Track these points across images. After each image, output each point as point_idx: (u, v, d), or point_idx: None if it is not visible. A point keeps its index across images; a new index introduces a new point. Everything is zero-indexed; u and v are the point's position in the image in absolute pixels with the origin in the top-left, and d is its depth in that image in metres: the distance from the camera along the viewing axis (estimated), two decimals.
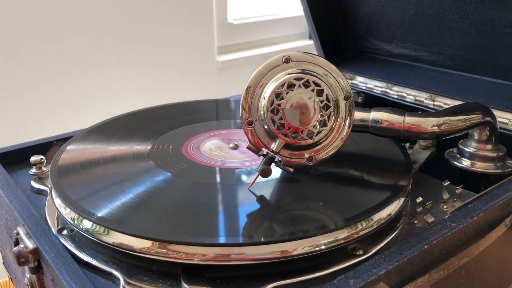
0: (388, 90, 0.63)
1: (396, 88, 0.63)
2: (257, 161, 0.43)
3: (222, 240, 0.32)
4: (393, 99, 0.62)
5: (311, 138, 0.37)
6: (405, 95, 0.62)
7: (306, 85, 0.36)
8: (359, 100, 0.66)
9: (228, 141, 0.47)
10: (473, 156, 0.47)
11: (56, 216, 0.39)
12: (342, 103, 0.38)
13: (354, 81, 0.67)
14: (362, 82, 0.66)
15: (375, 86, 0.65)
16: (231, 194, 0.38)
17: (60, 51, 0.94)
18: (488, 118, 0.45)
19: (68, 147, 0.45)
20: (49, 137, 0.50)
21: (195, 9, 1.17)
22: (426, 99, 0.59)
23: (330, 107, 0.37)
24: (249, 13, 1.39)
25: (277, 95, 0.36)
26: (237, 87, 0.62)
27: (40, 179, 0.44)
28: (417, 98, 0.60)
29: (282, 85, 0.36)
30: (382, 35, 0.65)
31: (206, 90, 1.24)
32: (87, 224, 0.34)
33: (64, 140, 0.49)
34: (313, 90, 0.36)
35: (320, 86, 0.37)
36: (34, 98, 0.92)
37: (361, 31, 0.67)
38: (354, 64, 0.68)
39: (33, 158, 0.44)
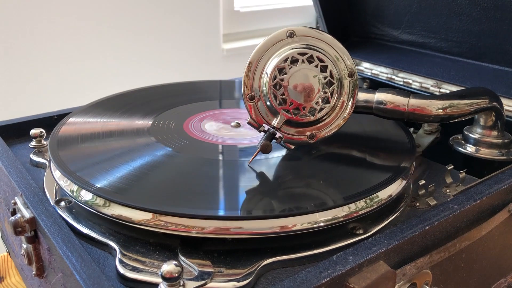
0: (393, 77, 0.63)
1: (401, 74, 0.62)
2: (258, 140, 0.42)
3: (221, 213, 0.31)
4: (398, 86, 0.62)
5: (313, 115, 0.37)
6: (410, 81, 0.61)
7: (310, 60, 0.36)
8: (364, 86, 0.65)
9: (230, 120, 0.47)
10: (478, 142, 0.46)
11: (54, 188, 0.39)
12: (346, 81, 0.37)
13: (359, 67, 0.66)
14: (368, 68, 0.66)
15: (381, 72, 0.64)
16: (231, 170, 0.38)
17: (68, 29, 0.94)
18: (495, 104, 0.44)
19: (69, 120, 0.45)
20: (50, 112, 0.50)
21: None
22: (432, 86, 0.58)
23: (333, 83, 0.37)
24: (256, 1, 1.37)
25: (280, 69, 0.36)
26: (241, 75, 0.62)
27: (39, 152, 0.44)
28: (423, 84, 0.59)
29: (285, 60, 0.36)
30: (389, 21, 0.64)
31: (210, 77, 1.24)
32: (86, 195, 0.34)
33: (65, 115, 0.49)
34: (316, 66, 0.36)
35: (324, 62, 0.36)
36: (39, 74, 0.92)
37: (368, 16, 0.66)
38: (360, 50, 0.67)
39: (33, 131, 0.44)
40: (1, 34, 0.86)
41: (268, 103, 0.37)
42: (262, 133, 0.38)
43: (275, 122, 0.37)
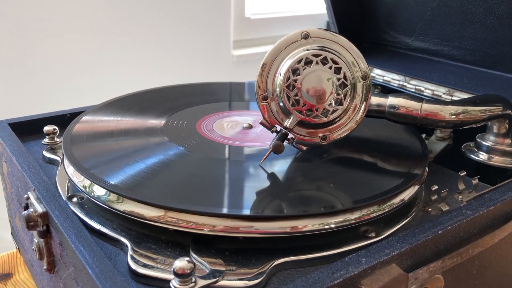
0: (405, 84, 0.62)
1: (413, 81, 0.62)
2: (270, 141, 0.42)
3: (232, 211, 0.31)
4: (410, 93, 0.61)
5: (325, 116, 0.37)
6: (422, 89, 0.60)
7: (324, 62, 0.36)
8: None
9: (242, 121, 0.47)
10: (491, 150, 0.46)
11: (66, 185, 0.39)
12: (360, 84, 0.37)
13: (371, 74, 0.66)
14: (380, 75, 0.65)
15: (392, 79, 0.64)
16: (242, 170, 0.38)
17: (86, 30, 0.95)
18: (509, 111, 0.44)
19: (83, 118, 0.45)
20: (63, 110, 0.50)
21: (213, 2, 1.17)
22: (444, 93, 0.58)
23: (347, 85, 0.37)
24: (267, 9, 1.38)
25: (294, 71, 0.36)
26: (251, 81, 0.62)
27: (52, 149, 0.44)
28: (435, 92, 0.59)
29: (299, 61, 0.36)
30: (402, 28, 0.64)
31: None
32: (98, 191, 0.34)
33: (78, 113, 0.49)
34: (330, 68, 0.36)
35: (338, 64, 0.36)
36: (52, 74, 0.93)
37: (381, 23, 0.66)
38: (372, 57, 0.67)
39: (46, 128, 0.44)
40: (15, 34, 0.87)
41: (281, 104, 0.37)
42: (275, 134, 0.38)
43: (287, 122, 0.37)
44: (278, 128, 0.38)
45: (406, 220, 0.36)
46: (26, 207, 0.36)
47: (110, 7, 0.98)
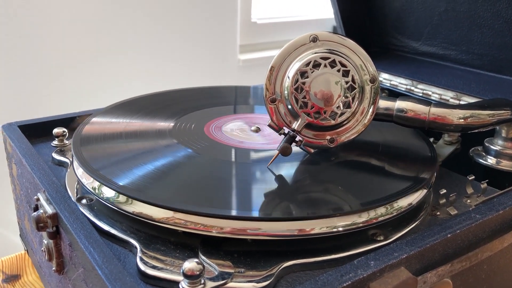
0: (412, 88, 0.62)
1: (421, 86, 0.62)
2: (277, 144, 0.42)
3: (240, 213, 0.31)
4: (417, 97, 0.61)
5: (333, 119, 0.37)
6: (430, 93, 0.60)
7: (332, 65, 0.36)
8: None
9: (250, 124, 0.47)
10: (499, 154, 0.46)
11: (75, 187, 0.39)
12: (368, 87, 0.37)
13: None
14: (387, 79, 0.65)
15: (400, 83, 0.64)
16: (250, 172, 0.38)
17: (93, 33, 0.96)
18: None
19: (92, 120, 0.45)
20: (72, 113, 0.51)
21: (220, 6, 1.18)
22: (451, 98, 0.58)
23: (355, 88, 0.37)
24: (273, 13, 1.39)
25: (302, 73, 0.36)
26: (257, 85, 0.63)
27: (61, 151, 0.45)
28: (443, 96, 0.59)
29: (308, 64, 0.36)
30: (410, 32, 0.64)
31: None
32: (107, 192, 0.34)
33: (87, 116, 0.49)
34: (339, 71, 0.36)
35: (347, 67, 0.36)
36: (64, 76, 0.94)
37: (388, 27, 0.66)
38: (379, 61, 0.67)
39: (55, 130, 0.45)
40: (24, 36, 0.88)
41: (289, 106, 0.37)
42: (282, 136, 0.38)
43: (295, 125, 0.37)
44: (286, 130, 0.38)
45: (414, 224, 0.36)
46: (36, 209, 0.36)
47: (117, 11, 0.99)
